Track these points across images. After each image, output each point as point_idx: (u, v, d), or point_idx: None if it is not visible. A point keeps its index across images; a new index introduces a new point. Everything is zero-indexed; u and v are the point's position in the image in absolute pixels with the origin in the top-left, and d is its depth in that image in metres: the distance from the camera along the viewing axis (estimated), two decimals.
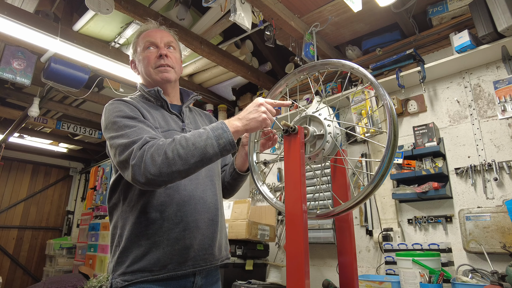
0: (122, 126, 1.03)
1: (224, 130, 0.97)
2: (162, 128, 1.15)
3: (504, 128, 2.02)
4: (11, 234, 5.54)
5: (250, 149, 1.23)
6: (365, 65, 2.57)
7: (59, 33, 2.30)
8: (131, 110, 1.09)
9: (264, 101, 1.03)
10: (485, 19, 1.95)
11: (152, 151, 0.94)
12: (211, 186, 1.20)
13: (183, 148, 0.94)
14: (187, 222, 1.09)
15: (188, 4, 2.45)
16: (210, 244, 1.14)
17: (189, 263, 1.08)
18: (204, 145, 0.95)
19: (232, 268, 2.33)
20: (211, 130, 0.97)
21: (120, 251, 1.07)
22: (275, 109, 1.08)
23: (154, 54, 1.24)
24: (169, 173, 0.94)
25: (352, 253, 1.08)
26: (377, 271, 2.28)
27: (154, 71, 1.23)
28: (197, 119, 1.35)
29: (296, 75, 1.19)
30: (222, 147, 0.96)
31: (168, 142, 0.96)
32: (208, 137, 0.96)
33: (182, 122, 1.24)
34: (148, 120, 1.11)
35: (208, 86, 3.49)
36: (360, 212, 2.48)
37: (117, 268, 1.07)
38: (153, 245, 1.05)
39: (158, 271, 1.04)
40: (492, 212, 1.88)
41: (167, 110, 1.24)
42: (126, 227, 1.08)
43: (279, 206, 1.14)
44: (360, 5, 1.91)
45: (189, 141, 0.95)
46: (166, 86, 1.27)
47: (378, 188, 0.90)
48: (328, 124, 1.05)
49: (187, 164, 0.95)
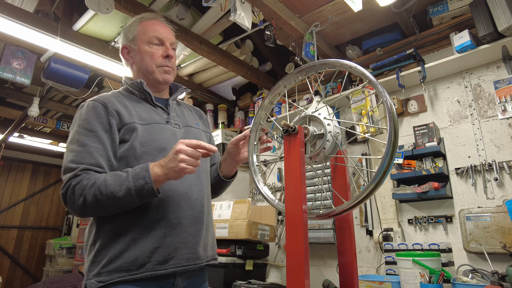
0: (76, 141, 1.04)
1: (146, 181, 0.95)
2: (143, 121, 1.12)
3: (504, 128, 2.02)
4: (11, 234, 5.54)
5: (249, 150, 1.23)
6: (365, 65, 2.57)
7: (59, 33, 2.30)
8: (97, 118, 1.07)
9: (183, 147, 0.95)
10: (486, 19, 1.95)
11: (75, 191, 0.96)
12: (198, 181, 1.16)
13: (101, 195, 0.95)
14: (168, 218, 1.05)
15: (188, 4, 2.44)
16: (194, 243, 1.09)
17: (170, 263, 1.03)
18: (122, 195, 0.94)
19: (232, 268, 2.33)
20: (133, 179, 0.95)
21: (97, 250, 1.02)
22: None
23: (160, 52, 1.22)
24: (88, 215, 1.01)
25: (352, 253, 1.08)
26: (377, 271, 2.28)
27: (158, 69, 1.21)
28: (185, 113, 1.32)
29: (294, 76, 1.18)
30: (142, 198, 0.96)
31: (89, 184, 0.96)
32: (128, 187, 0.94)
33: (167, 114, 1.21)
34: (116, 124, 1.08)
35: (208, 86, 3.48)
36: (360, 212, 2.47)
37: (92, 268, 1.01)
38: (131, 242, 1.00)
39: (136, 270, 0.99)
40: (493, 212, 1.88)
41: (151, 103, 1.21)
42: (103, 224, 1.04)
43: (280, 206, 1.14)
44: (360, 5, 1.91)
45: (108, 189, 0.95)
46: (162, 86, 1.26)
47: (379, 187, 0.90)
48: (328, 123, 1.04)
49: (106, 211, 1.00)
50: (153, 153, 1.09)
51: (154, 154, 1.08)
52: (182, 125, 1.24)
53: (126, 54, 1.26)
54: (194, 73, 3.29)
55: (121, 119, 1.09)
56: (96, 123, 1.06)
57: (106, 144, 1.05)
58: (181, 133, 1.20)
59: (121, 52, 1.27)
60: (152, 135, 1.12)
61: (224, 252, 2.40)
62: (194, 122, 1.33)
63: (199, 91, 3.40)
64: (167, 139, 1.14)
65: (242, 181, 3.25)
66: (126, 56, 1.26)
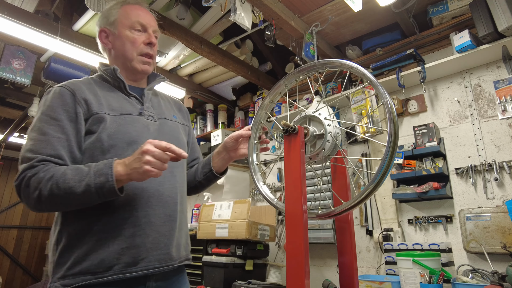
0: (37, 128, 0.97)
1: (107, 179, 0.87)
2: (113, 112, 1.05)
3: (504, 128, 2.02)
4: (11, 234, 5.54)
5: (250, 150, 1.23)
6: (366, 65, 2.57)
7: (59, 33, 2.30)
8: (62, 105, 1.00)
9: (150, 148, 0.87)
10: (486, 19, 1.95)
11: (30, 183, 0.89)
12: (171, 178, 1.09)
13: (58, 189, 0.87)
14: (137, 217, 0.98)
15: (188, 4, 2.44)
16: (167, 243, 1.02)
17: (140, 265, 0.96)
18: (81, 192, 0.87)
19: (232, 268, 2.33)
20: (94, 175, 0.88)
21: (60, 250, 0.95)
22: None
23: (142, 38, 1.15)
24: (44, 210, 0.94)
25: (352, 253, 1.08)
26: (377, 271, 2.28)
27: (138, 58, 1.14)
28: (162, 104, 1.24)
29: (295, 75, 1.18)
30: (103, 196, 0.89)
31: (47, 177, 0.88)
32: (88, 184, 0.87)
33: (141, 105, 1.14)
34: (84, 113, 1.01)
35: (208, 86, 3.49)
36: (360, 212, 2.47)
37: (56, 270, 0.94)
38: (97, 243, 0.93)
39: (103, 272, 0.92)
40: (493, 212, 1.87)
41: (125, 92, 1.14)
42: (68, 222, 0.97)
43: (279, 206, 1.14)
44: (361, 5, 1.91)
45: (67, 184, 0.88)
46: (140, 76, 1.19)
47: (378, 188, 0.90)
48: (328, 123, 1.04)
49: (63, 207, 0.95)
50: (122, 146, 1.01)
51: (122, 147, 1.01)
52: (157, 117, 1.16)
53: (105, 38, 1.18)
54: (194, 73, 3.29)
55: (89, 108, 1.02)
56: (61, 111, 0.99)
57: (70, 134, 0.98)
58: (155, 125, 1.13)
59: (99, 36, 1.18)
60: (122, 127, 1.04)
61: (224, 252, 2.40)
62: (172, 114, 1.25)
63: (199, 91, 3.40)
64: (139, 132, 1.06)
65: (242, 181, 3.25)
66: (105, 40, 1.18)
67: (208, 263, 2.45)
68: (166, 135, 1.13)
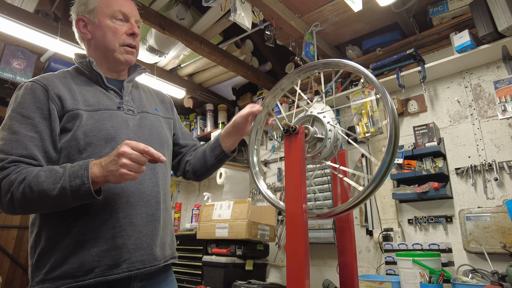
0: (7, 127, 0.92)
1: (83, 181, 0.83)
2: (89, 107, 0.99)
3: (504, 128, 2.02)
4: (11, 233, 5.54)
5: (249, 148, 1.22)
6: (366, 65, 2.57)
7: (59, 33, 2.30)
8: (34, 102, 0.94)
9: (127, 150, 0.82)
10: (486, 19, 1.95)
11: (1, 186, 0.85)
12: (152, 175, 1.04)
13: (32, 192, 0.83)
14: (117, 218, 0.94)
15: (188, 4, 2.44)
16: (150, 243, 0.99)
17: (122, 266, 0.92)
18: (56, 195, 0.83)
19: (232, 268, 2.33)
20: (69, 178, 0.84)
21: (39, 253, 0.91)
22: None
23: (124, 28, 1.09)
24: (18, 213, 0.89)
25: (352, 253, 1.08)
26: (377, 271, 2.28)
27: (120, 48, 1.08)
28: (144, 97, 1.19)
29: (295, 76, 1.18)
30: (79, 199, 0.85)
31: (18, 179, 0.84)
32: (63, 186, 0.83)
33: (120, 99, 1.09)
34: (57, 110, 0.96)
35: (208, 85, 3.49)
36: (360, 212, 2.47)
37: (35, 274, 0.90)
38: (77, 245, 0.90)
39: (83, 276, 0.88)
40: (493, 212, 1.87)
41: (102, 85, 1.08)
42: (45, 224, 0.93)
43: (280, 206, 1.14)
44: (361, 5, 1.91)
45: (40, 186, 0.83)
46: (122, 67, 1.14)
47: (378, 188, 0.90)
48: (330, 129, 1.04)
49: (37, 210, 0.91)
50: (99, 144, 0.96)
51: (100, 145, 0.96)
52: (137, 111, 1.11)
53: (83, 28, 1.10)
54: (194, 73, 3.29)
55: (63, 105, 0.97)
56: (33, 108, 0.94)
57: (43, 133, 0.93)
58: (134, 120, 1.08)
59: (76, 25, 1.11)
60: (99, 123, 0.98)
61: (224, 252, 2.40)
62: (153, 107, 1.19)
63: (199, 91, 3.41)
64: (117, 127, 1.01)
65: (242, 181, 3.25)
66: (83, 29, 1.10)
67: (208, 263, 2.45)
68: (146, 130, 1.10)
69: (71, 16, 1.14)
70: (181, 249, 2.84)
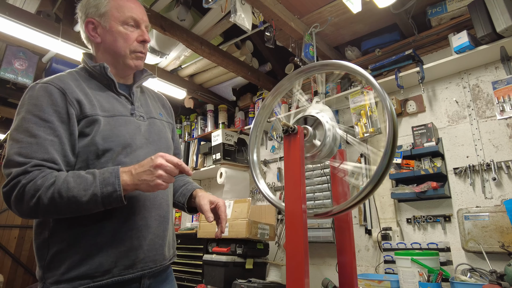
0: (24, 129, 0.90)
1: (115, 188, 0.86)
2: (106, 113, 1.00)
3: (502, 128, 2.04)
4: (12, 233, 5.55)
5: (249, 148, 1.23)
6: (365, 65, 2.58)
7: (61, 34, 2.31)
8: (52, 105, 0.93)
9: (164, 162, 0.87)
10: (484, 20, 1.96)
11: (26, 190, 0.84)
12: None
13: (61, 198, 0.84)
14: (134, 220, 0.97)
15: (189, 5, 2.46)
16: (161, 244, 1.04)
17: (137, 266, 0.97)
18: (87, 201, 0.85)
19: (232, 267, 2.34)
20: (100, 185, 0.86)
21: (53, 255, 0.92)
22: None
23: (135, 35, 1.09)
24: (38, 217, 0.90)
25: (352, 252, 1.09)
26: (376, 270, 2.29)
27: (131, 55, 1.09)
28: (149, 103, 1.20)
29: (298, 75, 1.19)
30: (107, 205, 0.88)
31: (46, 184, 0.84)
32: (94, 193, 0.85)
33: (131, 104, 1.10)
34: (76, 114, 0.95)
35: (208, 86, 3.50)
36: (359, 211, 2.49)
37: (48, 275, 0.91)
38: (94, 247, 0.92)
39: (101, 276, 0.91)
40: (491, 212, 1.89)
41: (114, 91, 1.09)
42: (60, 227, 0.93)
43: (280, 206, 1.15)
44: (360, 6, 1.93)
45: (71, 192, 0.84)
46: (131, 72, 1.15)
47: (377, 188, 0.91)
48: (329, 128, 1.05)
49: (61, 215, 0.90)
50: (117, 149, 0.98)
51: (117, 151, 0.98)
52: (146, 116, 1.13)
53: (92, 31, 1.09)
54: (194, 73, 3.30)
55: (82, 110, 0.97)
56: (51, 111, 0.93)
57: (63, 137, 0.92)
58: (145, 126, 1.10)
59: (86, 27, 1.09)
60: (116, 129, 1.00)
61: (224, 251, 2.41)
62: (158, 112, 1.22)
63: (200, 91, 3.42)
64: (132, 133, 1.03)
65: (242, 181, 3.26)
66: (92, 32, 1.09)
67: (209, 261, 2.46)
68: (155, 135, 1.13)
69: (77, 14, 1.13)
70: (182, 248, 2.86)
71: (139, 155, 1.02)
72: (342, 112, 2.81)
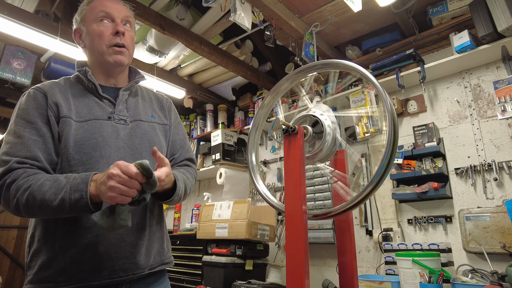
0: (12, 132, 0.97)
1: (81, 195, 0.84)
2: (81, 118, 1.02)
3: (504, 128, 2.02)
4: (11, 234, 5.54)
5: (248, 149, 1.23)
6: (365, 65, 2.57)
7: (59, 33, 2.30)
8: (36, 108, 0.99)
9: (117, 172, 0.80)
10: (485, 19, 1.95)
11: (10, 190, 0.88)
12: None
13: (34, 201, 0.86)
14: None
15: (188, 4, 2.45)
16: (133, 252, 0.98)
17: (104, 274, 0.93)
18: (56, 206, 0.85)
19: (232, 268, 2.33)
20: (70, 190, 0.85)
21: (31, 253, 0.96)
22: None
23: (109, 29, 1.08)
24: (25, 216, 0.92)
25: (352, 253, 1.08)
26: (377, 271, 2.28)
27: (108, 50, 1.07)
28: (140, 104, 1.17)
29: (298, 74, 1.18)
30: (78, 211, 0.87)
31: (24, 187, 0.87)
32: (63, 198, 0.85)
33: (113, 108, 1.09)
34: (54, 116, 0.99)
35: (208, 86, 3.49)
36: (360, 212, 2.48)
37: (28, 273, 0.95)
38: (59, 250, 0.92)
39: (64, 282, 0.91)
40: (492, 212, 1.88)
41: (97, 95, 1.08)
42: (38, 226, 0.97)
43: (279, 207, 1.14)
44: (360, 5, 1.91)
45: (43, 196, 0.86)
46: (116, 70, 1.13)
47: (377, 189, 0.91)
48: (325, 118, 1.05)
49: (41, 216, 0.93)
50: (88, 152, 0.98)
51: (88, 153, 0.98)
52: (129, 119, 1.10)
53: (78, 38, 1.14)
54: (194, 73, 3.29)
55: (59, 111, 1.00)
56: (36, 113, 0.99)
57: (46, 137, 0.97)
58: (126, 129, 1.07)
59: (74, 37, 1.15)
60: (88, 132, 1.00)
61: (224, 252, 2.40)
62: (149, 114, 1.18)
63: (199, 91, 3.41)
64: (106, 137, 1.02)
65: (242, 181, 3.25)
66: (78, 40, 1.14)
67: (208, 263, 2.45)
68: (137, 139, 1.09)
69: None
70: (181, 249, 2.84)
71: (113, 159, 0.97)
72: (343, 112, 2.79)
